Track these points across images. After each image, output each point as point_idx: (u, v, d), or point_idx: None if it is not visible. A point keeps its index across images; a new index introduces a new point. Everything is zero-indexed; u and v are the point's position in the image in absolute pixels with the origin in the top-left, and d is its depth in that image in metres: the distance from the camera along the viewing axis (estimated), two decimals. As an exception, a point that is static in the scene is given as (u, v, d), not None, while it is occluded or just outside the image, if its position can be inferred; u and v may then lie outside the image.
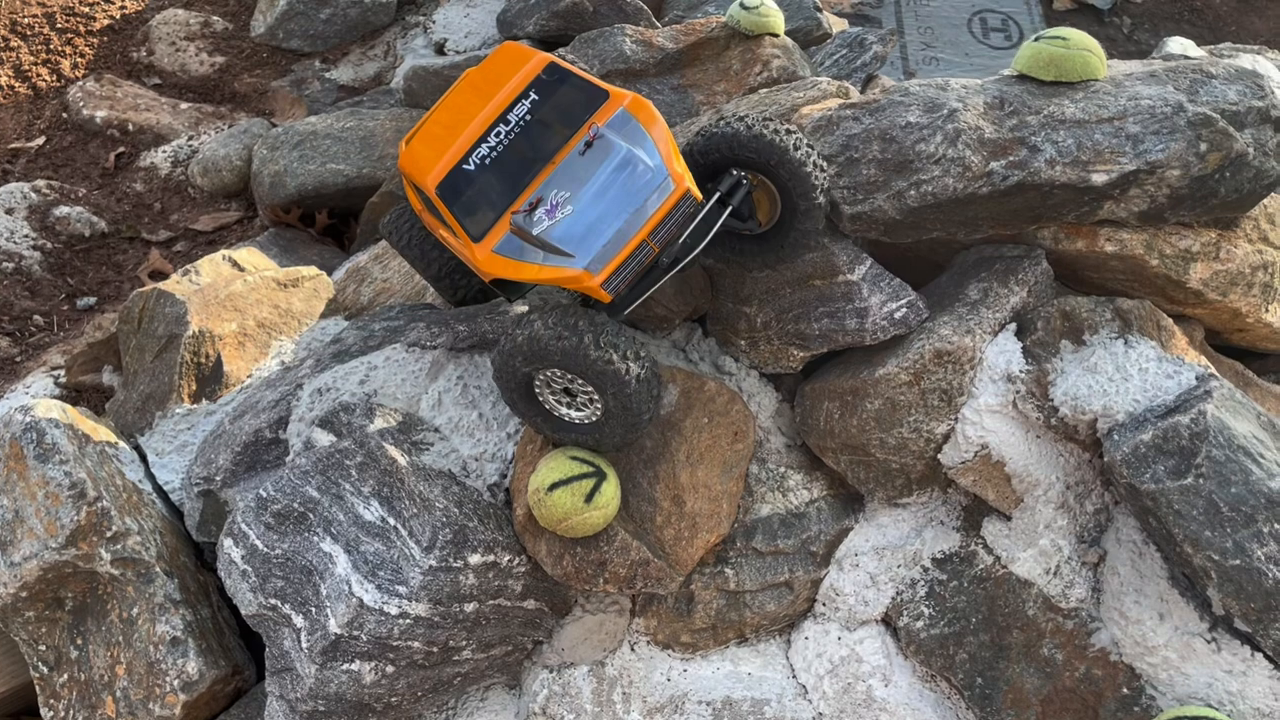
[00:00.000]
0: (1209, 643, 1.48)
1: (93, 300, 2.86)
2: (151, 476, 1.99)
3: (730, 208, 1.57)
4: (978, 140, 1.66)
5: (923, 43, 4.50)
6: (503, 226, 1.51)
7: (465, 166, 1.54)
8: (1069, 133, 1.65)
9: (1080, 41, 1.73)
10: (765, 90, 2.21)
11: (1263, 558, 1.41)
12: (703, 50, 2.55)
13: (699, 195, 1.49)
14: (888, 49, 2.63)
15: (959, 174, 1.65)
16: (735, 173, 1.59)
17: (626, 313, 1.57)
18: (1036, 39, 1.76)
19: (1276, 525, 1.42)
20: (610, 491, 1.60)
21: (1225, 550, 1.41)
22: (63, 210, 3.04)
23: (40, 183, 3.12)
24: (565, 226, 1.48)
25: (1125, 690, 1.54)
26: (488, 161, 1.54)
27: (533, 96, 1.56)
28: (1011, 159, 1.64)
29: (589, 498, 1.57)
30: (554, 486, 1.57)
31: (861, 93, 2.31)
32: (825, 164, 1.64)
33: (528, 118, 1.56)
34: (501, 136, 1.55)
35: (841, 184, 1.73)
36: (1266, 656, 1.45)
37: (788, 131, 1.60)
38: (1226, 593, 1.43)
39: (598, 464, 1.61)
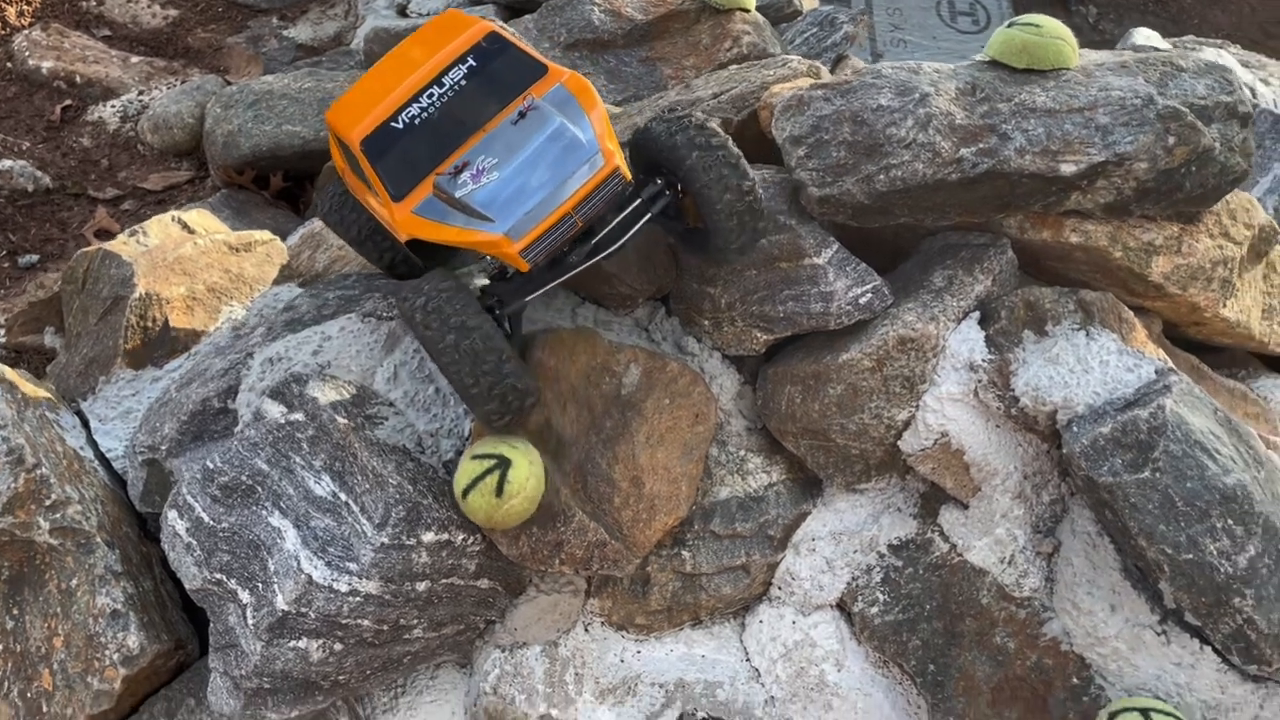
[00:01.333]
0: (1159, 635, 1.50)
1: (35, 258, 2.77)
2: (94, 443, 1.93)
3: (650, 214, 1.55)
4: (948, 126, 1.65)
5: (891, 24, 4.50)
6: (425, 188, 1.49)
7: (393, 124, 1.51)
8: (1039, 121, 1.64)
9: (1053, 29, 1.72)
10: (735, 67, 2.18)
11: (1215, 552, 1.42)
12: (672, 23, 2.51)
13: (629, 175, 1.47)
14: (858, 29, 2.61)
15: (929, 159, 1.64)
16: (658, 180, 1.57)
17: (530, 298, 1.55)
18: (1010, 25, 1.75)
19: (1230, 521, 1.43)
20: (520, 475, 1.53)
21: (1179, 544, 1.43)
22: (5, 164, 2.93)
23: (-19, 134, 3.01)
24: (489, 192, 1.46)
25: (1075, 680, 1.55)
26: (417, 122, 1.51)
27: (470, 63, 1.54)
28: (982, 146, 1.63)
29: (499, 491, 1.52)
30: (466, 492, 1.54)
31: (831, 73, 2.29)
32: (749, 184, 1.55)
33: (463, 83, 1.53)
34: (434, 99, 1.52)
35: (810, 166, 1.71)
36: (1215, 650, 1.46)
37: (706, 147, 1.53)
38: (1178, 586, 1.44)
39: (499, 452, 1.55)
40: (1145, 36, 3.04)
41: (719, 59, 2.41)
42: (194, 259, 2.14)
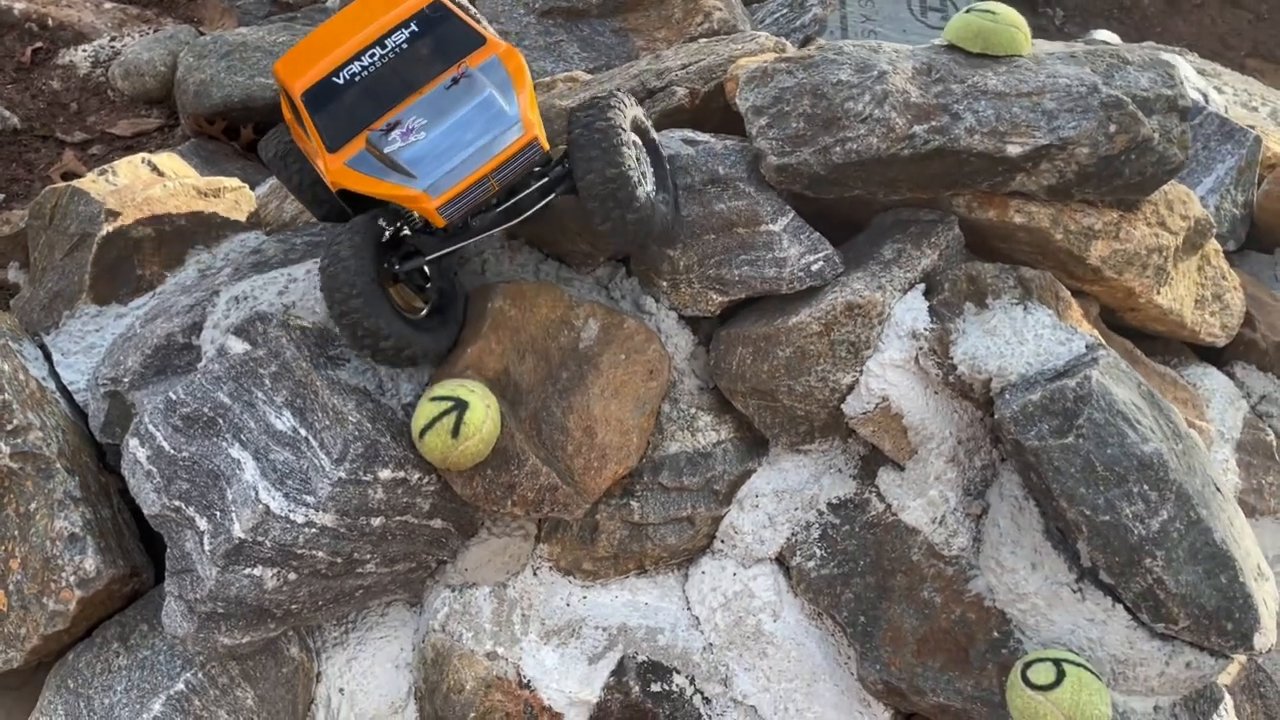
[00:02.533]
0: (1075, 592, 1.58)
1: (0, 197, 2.77)
2: (55, 375, 1.96)
3: (555, 192, 1.62)
4: (903, 103, 1.71)
5: (863, 15, 4.56)
6: (359, 143, 1.58)
7: (334, 79, 1.62)
8: (989, 103, 1.71)
9: (1008, 17, 1.80)
10: (705, 40, 2.24)
11: (1130, 515, 1.51)
12: (646, -5, 2.56)
13: (546, 145, 1.57)
14: (827, 12, 2.67)
15: (883, 134, 1.70)
16: (565, 164, 1.63)
17: (434, 256, 1.61)
18: (967, 11, 1.82)
19: (1145, 486, 1.51)
20: (476, 418, 1.58)
21: (1097, 506, 1.51)
22: (-28, 101, 2.93)
23: (-51, 71, 2.99)
24: (415, 151, 1.55)
25: (995, 633, 1.63)
26: (356, 79, 1.62)
27: (413, 28, 1.64)
28: (933, 124, 1.70)
29: (455, 432, 1.57)
30: (423, 433, 1.59)
31: (798, 52, 2.35)
32: (613, 173, 1.56)
33: (403, 46, 1.63)
34: (375, 59, 1.62)
35: (771, 135, 1.77)
36: (1126, 607, 1.55)
37: (588, 127, 1.58)
38: (1095, 546, 1.53)
39: (457, 395, 1.60)
40: (1104, 36, 3.14)
41: (690, 32, 2.46)
42: (162, 200, 2.16)
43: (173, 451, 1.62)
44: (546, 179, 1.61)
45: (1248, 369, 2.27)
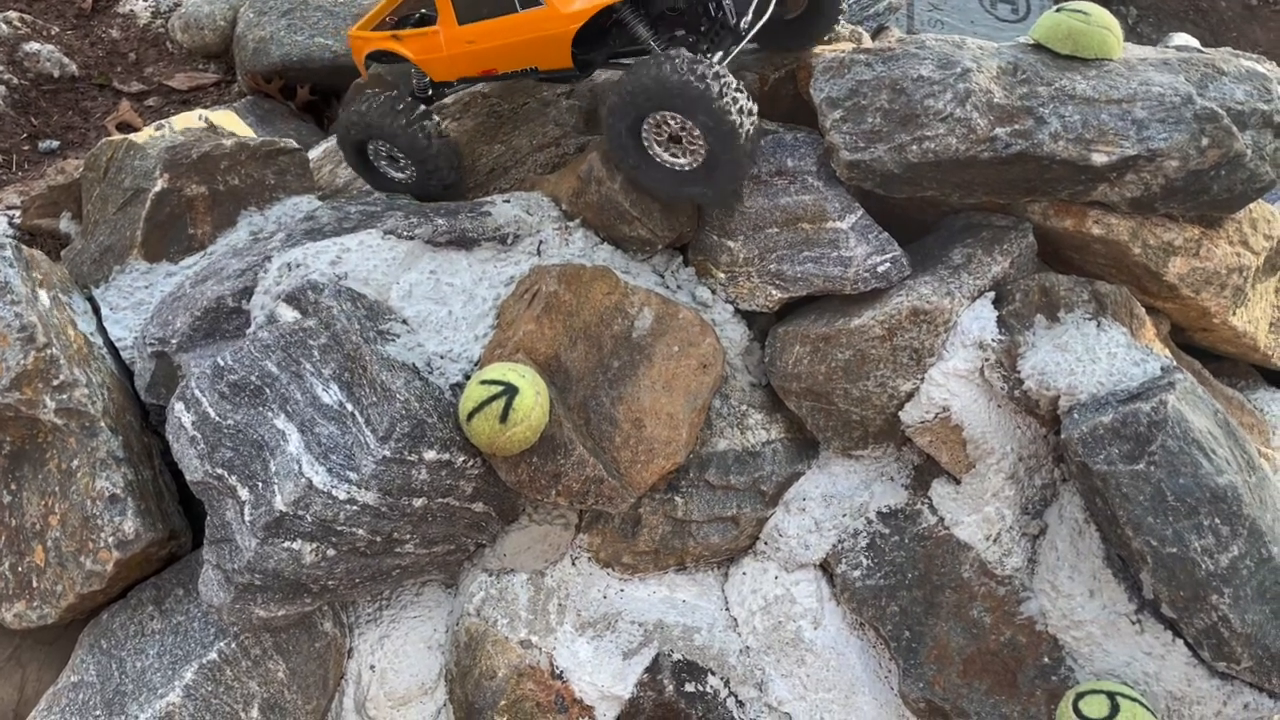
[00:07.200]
0: (1134, 623, 1.53)
1: (55, 144, 2.76)
2: (103, 330, 1.94)
3: None
4: (986, 104, 1.65)
5: (930, 3, 4.45)
6: None
7: None
8: (1077, 109, 1.64)
9: (1101, 19, 1.71)
10: (776, 25, 2.17)
11: (1199, 549, 1.44)
12: (717, -25, 2.48)
13: None
14: (902, 0, 2.59)
15: (963, 135, 1.64)
16: None
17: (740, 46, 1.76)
18: (1058, 9, 1.74)
19: (1217, 520, 1.45)
20: (525, 404, 1.55)
21: (1164, 537, 1.45)
22: (33, 47, 2.91)
23: (12, 14, 2.98)
24: None
25: (1046, 659, 1.58)
26: None
27: None
28: (1017, 127, 1.63)
29: (503, 417, 1.54)
30: (471, 415, 1.56)
31: (872, 41, 2.28)
32: None
33: None
34: None
35: (845, 129, 1.71)
36: (1186, 643, 1.49)
37: None
38: (1159, 578, 1.47)
39: (507, 380, 1.57)
40: (1184, 40, 3.03)
41: (760, 16, 2.39)
42: (217, 159, 2.13)
43: (218, 418, 1.60)
44: None
45: (1317, 396, 2.18)
